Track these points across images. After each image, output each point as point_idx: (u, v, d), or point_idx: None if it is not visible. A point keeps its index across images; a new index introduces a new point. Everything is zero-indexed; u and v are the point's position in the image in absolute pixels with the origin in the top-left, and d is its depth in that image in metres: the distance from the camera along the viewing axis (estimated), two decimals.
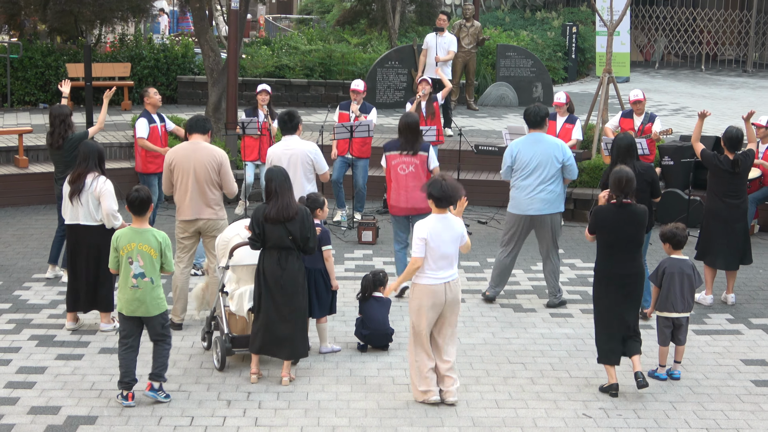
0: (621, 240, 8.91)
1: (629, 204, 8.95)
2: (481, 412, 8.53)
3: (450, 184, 8.58)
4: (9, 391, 8.79)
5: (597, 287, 9.07)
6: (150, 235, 8.61)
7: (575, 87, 25.04)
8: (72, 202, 10.22)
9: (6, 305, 11.12)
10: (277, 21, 35.50)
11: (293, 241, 8.83)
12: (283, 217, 8.77)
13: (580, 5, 30.59)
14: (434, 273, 8.53)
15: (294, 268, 8.89)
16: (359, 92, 14.88)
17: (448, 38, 18.46)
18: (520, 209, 11.18)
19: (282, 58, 22.60)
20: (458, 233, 8.61)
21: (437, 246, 8.50)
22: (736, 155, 11.33)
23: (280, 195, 8.84)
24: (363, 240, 13.96)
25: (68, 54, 21.40)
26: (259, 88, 15.03)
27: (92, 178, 10.16)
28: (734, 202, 11.39)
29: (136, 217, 8.65)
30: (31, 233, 14.17)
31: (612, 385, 8.92)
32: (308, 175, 10.88)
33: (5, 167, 16.41)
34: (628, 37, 25.01)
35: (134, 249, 8.55)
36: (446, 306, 8.58)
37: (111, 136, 17.68)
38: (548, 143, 11.13)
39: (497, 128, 18.92)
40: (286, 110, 11.13)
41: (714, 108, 22.21)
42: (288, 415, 8.38)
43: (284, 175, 8.96)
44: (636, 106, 14.23)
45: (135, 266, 8.54)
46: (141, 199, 8.60)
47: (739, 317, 11.15)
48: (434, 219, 8.60)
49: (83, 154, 10.26)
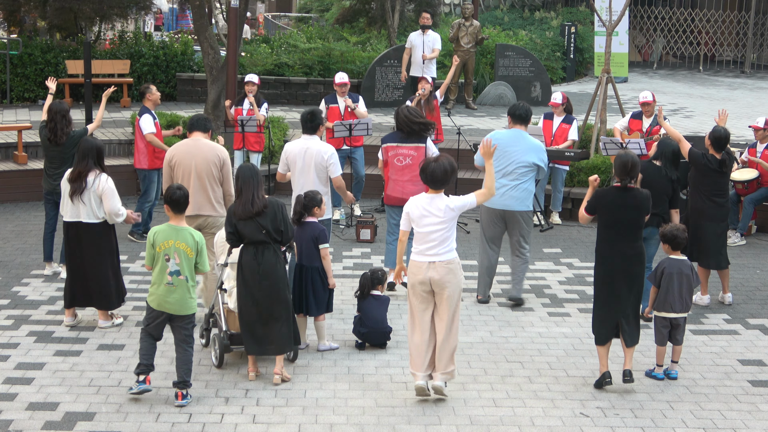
0: (621, 223, 8.97)
1: (632, 188, 9.01)
2: (478, 410, 8.55)
3: (438, 165, 8.64)
4: (7, 386, 8.80)
5: (597, 268, 9.10)
6: (187, 233, 8.62)
7: (573, 87, 25.07)
8: (72, 200, 10.21)
9: (4, 301, 11.12)
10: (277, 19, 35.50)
11: (267, 234, 8.85)
12: (249, 212, 8.79)
13: (578, 5, 30.63)
14: (419, 249, 8.64)
15: (270, 261, 8.86)
16: (346, 84, 14.96)
17: (432, 36, 18.41)
18: (492, 203, 11.15)
19: (281, 56, 22.62)
20: (446, 215, 8.58)
21: (420, 223, 8.60)
22: (723, 155, 11.36)
23: (244, 191, 8.87)
24: (361, 238, 13.99)
25: (68, 51, 21.42)
26: (247, 78, 15.16)
27: (94, 177, 10.15)
28: (720, 201, 11.41)
29: (174, 215, 8.66)
30: (29, 229, 14.18)
31: (604, 373, 8.94)
32: (321, 176, 10.76)
33: (4, 163, 16.42)
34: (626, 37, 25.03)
35: (171, 246, 8.56)
36: (433, 286, 8.61)
37: (110, 133, 17.70)
38: (527, 144, 11.14)
39: (496, 127, 18.89)
40: (309, 109, 11.03)
41: (712, 109, 22.25)
42: (286, 413, 8.40)
43: (251, 171, 8.93)
44: (645, 107, 14.26)
45: (171, 263, 8.54)
46: (180, 197, 8.62)
47: (737, 317, 11.18)
48: (423, 197, 8.70)
49: (82, 152, 10.22)
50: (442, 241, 8.62)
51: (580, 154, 14.72)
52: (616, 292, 8.97)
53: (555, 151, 14.43)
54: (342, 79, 15.01)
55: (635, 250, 9.02)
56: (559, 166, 14.90)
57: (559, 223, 15.17)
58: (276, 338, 8.95)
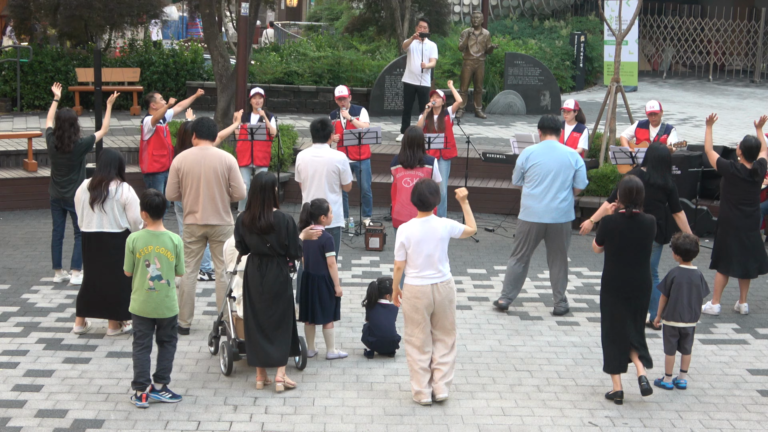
0: (628, 249, 8.91)
1: (638, 214, 8.97)
2: (487, 419, 8.54)
3: (424, 187, 8.71)
4: (16, 394, 8.82)
5: (604, 296, 9.09)
6: (167, 238, 8.73)
7: (583, 96, 25.04)
8: (93, 209, 10.21)
9: (14, 308, 11.15)
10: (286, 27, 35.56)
11: (271, 248, 8.86)
12: (256, 228, 8.81)
13: (588, 14, 30.61)
14: (418, 274, 8.66)
15: (273, 274, 8.87)
16: (345, 98, 14.95)
17: (429, 45, 18.33)
18: (535, 217, 11.20)
19: (291, 65, 22.65)
20: (440, 235, 8.68)
21: (417, 249, 8.64)
22: (755, 164, 11.34)
23: (252, 205, 8.89)
24: (370, 246, 13.99)
25: (78, 59, 21.47)
26: (253, 92, 14.79)
27: (116, 186, 10.17)
28: (749, 210, 11.40)
29: (153, 221, 8.76)
30: (39, 237, 14.21)
31: (617, 392, 8.94)
32: (333, 185, 10.78)
33: (15, 171, 16.48)
34: (636, 46, 25.03)
35: (151, 252, 8.66)
36: (436, 306, 8.68)
37: (120, 141, 17.74)
38: (562, 151, 11.18)
39: (505, 136, 18.94)
40: (319, 118, 11.06)
41: (722, 118, 22.21)
42: (294, 421, 8.40)
43: (260, 185, 8.90)
44: (652, 117, 14.23)
45: (152, 269, 8.65)
46: (159, 203, 8.75)
47: (746, 327, 11.15)
48: (415, 222, 8.76)
49: (104, 162, 10.23)
50: (441, 261, 8.69)
51: (589, 163, 14.70)
52: (623, 321, 8.95)
53: None
54: (341, 93, 14.98)
55: (642, 277, 8.98)
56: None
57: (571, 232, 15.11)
58: (274, 350, 8.95)
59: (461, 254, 13.62)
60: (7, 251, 13.48)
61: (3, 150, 16.81)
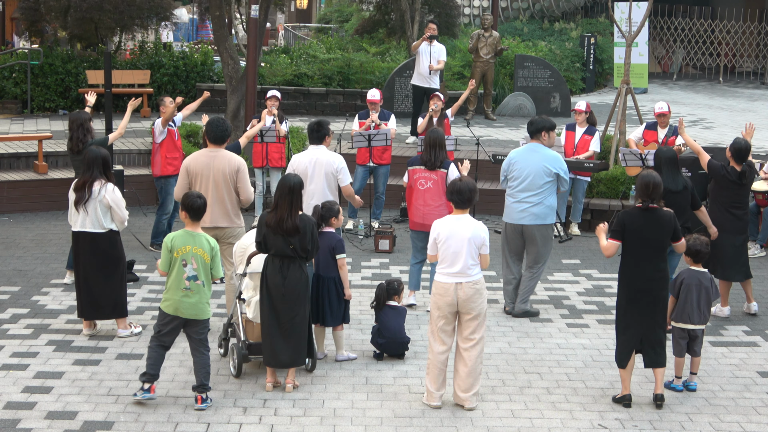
0: (646, 245, 8.84)
1: (655, 209, 8.92)
2: (496, 421, 8.53)
3: (464, 184, 8.77)
4: (26, 395, 8.84)
5: (621, 291, 9.01)
6: (203, 239, 8.72)
7: (593, 98, 25.03)
8: (77, 209, 10.21)
9: (24, 310, 11.18)
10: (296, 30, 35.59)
11: (294, 250, 8.88)
12: (281, 229, 8.81)
13: (598, 16, 30.59)
14: (445, 270, 8.70)
15: (295, 276, 8.90)
16: (376, 102, 14.96)
17: (437, 47, 18.33)
18: (511, 218, 11.24)
19: (300, 67, 22.67)
20: (474, 234, 8.67)
21: (447, 245, 8.67)
22: (743, 167, 11.30)
23: (279, 207, 8.88)
24: (380, 248, 13.98)
25: (88, 61, 21.54)
26: (269, 94, 15.07)
27: (99, 186, 10.14)
28: (739, 213, 11.36)
29: (191, 222, 8.75)
30: (49, 239, 14.24)
31: (625, 396, 8.90)
32: (331, 186, 10.84)
33: (25, 173, 16.52)
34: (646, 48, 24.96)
35: (189, 252, 8.64)
36: (459, 306, 8.68)
37: (130, 143, 17.78)
38: (542, 155, 11.15)
39: (515, 138, 18.93)
40: (316, 120, 11.15)
41: (732, 120, 22.20)
42: (303, 423, 8.40)
43: (289, 187, 8.90)
44: (660, 118, 14.20)
45: (189, 269, 8.63)
46: (200, 206, 8.74)
47: (756, 329, 11.12)
48: (449, 219, 8.82)
49: (88, 162, 10.19)
50: (469, 260, 8.68)
51: (599, 165, 14.68)
52: (640, 316, 8.87)
53: (574, 162, 14.39)
54: (373, 96, 15.03)
55: (660, 272, 8.91)
56: (581, 177, 14.86)
57: (579, 234, 15.13)
58: (292, 351, 8.97)
59: None
60: (18, 253, 13.51)
61: (13, 152, 16.86)
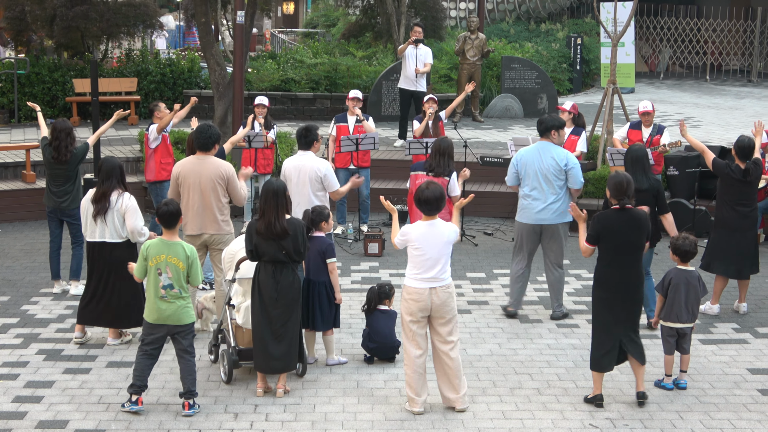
0: (622, 245, 8.86)
1: (630, 209, 8.95)
2: (487, 423, 8.54)
3: (430, 192, 8.67)
4: (17, 405, 8.82)
5: (595, 293, 9.03)
6: (179, 247, 8.72)
7: (580, 98, 25.05)
8: (96, 221, 10.20)
9: (13, 320, 11.15)
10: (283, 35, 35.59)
11: (287, 255, 8.88)
12: (271, 234, 8.82)
13: (584, 17, 30.63)
14: (420, 275, 8.64)
15: (288, 280, 8.91)
16: (361, 99, 14.98)
17: (423, 50, 18.35)
18: (529, 218, 11.19)
19: (287, 72, 22.67)
20: (449, 239, 8.68)
21: (423, 252, 8.62)
22: (748, 164, 11.33)
23: (266, 212, 8.89)
24: (369, 252, 13.99)
25: (75, 69, 21.50)
26: (257, 101, 15.06)
27: (117, 196, 10.15)
28: (745, 210, 11.39)
29: (167, 230, 8.77)
30: (38, 248, 14.21)
31: (596, 396, 8.92)
32: (317, 192, 10.83)
33: (13, 182, 16.49)
34: (632, 47, 25.03)
35: (163, 261, 8.66)
36: (433, 311, 8.65)
37: (118, 151, 17.76)
38: (551, 152, 11.14)
39: (502, 140, 18.96)
40: (304, 125, 11.13)
41: (719, 118, 22.24)
42: (295, 428, 8.40)
43: (272, 191, 8.93)
44: (645, 117, 14.21)
45: (164, 277, 8.65)
46: (171, 212, 8.74)
47: (746, 326, 11.15)
48: (422, 225, 8.72)
49: (105, 172, 10.18)
50: (443, 265, 8.67)
51: (587, 165, 14.70)
52: (615, 316, 8.88)
53: None
54: (355, 94, 15.04)
55: (636, 272, 8.90)
56: None
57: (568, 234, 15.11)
58: (284, 356, 8.98)
59: (460, 258, 13.62)
60: (7, 263, 13.49)
61: (1, 162, 16.83)
